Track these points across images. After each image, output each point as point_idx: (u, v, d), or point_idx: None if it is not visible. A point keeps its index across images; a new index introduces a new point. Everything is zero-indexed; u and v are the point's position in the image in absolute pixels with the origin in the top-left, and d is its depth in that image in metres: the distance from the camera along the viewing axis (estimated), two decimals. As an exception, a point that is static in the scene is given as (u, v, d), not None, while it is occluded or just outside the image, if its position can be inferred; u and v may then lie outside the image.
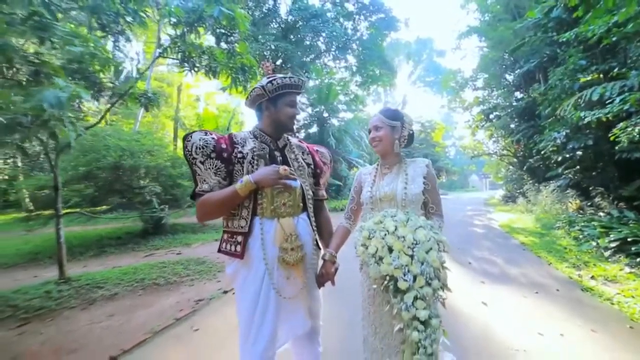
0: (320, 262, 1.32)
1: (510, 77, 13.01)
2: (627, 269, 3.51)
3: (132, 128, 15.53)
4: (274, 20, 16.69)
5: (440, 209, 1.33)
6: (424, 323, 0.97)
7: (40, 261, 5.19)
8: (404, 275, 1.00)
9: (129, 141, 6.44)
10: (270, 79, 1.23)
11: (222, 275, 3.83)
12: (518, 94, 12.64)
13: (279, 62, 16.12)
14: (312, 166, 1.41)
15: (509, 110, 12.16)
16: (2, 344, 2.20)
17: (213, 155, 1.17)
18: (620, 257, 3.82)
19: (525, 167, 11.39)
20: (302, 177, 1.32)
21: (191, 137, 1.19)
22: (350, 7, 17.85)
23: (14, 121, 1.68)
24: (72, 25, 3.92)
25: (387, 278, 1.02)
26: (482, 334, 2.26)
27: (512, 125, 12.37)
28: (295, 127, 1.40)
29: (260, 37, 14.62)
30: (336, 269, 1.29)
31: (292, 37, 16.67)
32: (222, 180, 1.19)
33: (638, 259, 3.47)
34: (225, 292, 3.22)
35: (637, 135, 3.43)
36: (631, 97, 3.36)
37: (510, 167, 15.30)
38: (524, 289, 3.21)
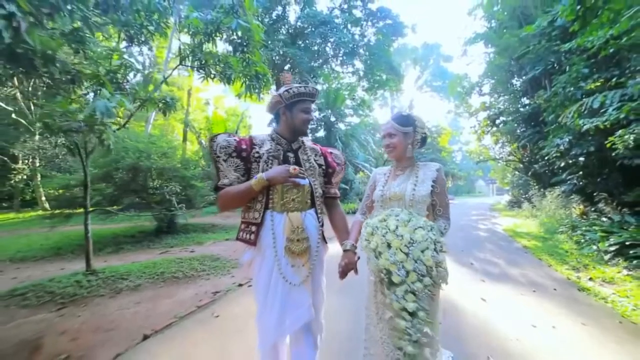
0: (324, 253, 1.44)
1: (517, 83, 13.09)
2: (625, 272, 3.63)
3: (143, 130, 16.03)
4: (283, 27, 17.12)
5: (448, 212, 1.39)
6: (412, 314, 1.07)
7: (63, 255, 5.51)
8: (398, 270, 1.10)
9: (146, 143, 6.76)
10: (287, 87, 1.37)
11: (236, 271, 4.06)
12: (525, 100, 12.70)
13: (287, 67, 16.50)
14: (324, 167, 1.53)
15: (516, 116, 12.24)
16: (48, 323, 2.46)
17: (234, 154, 1.33)
18: (619, 260, 3.94)
19: (530, 173, 11.43)
20: (313, 176, 1.43)
21: (217, 138, 1.36)
22: (358, 13, 18.20)
23: (70, 126, 1.95)
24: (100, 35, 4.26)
25: (384, 271, 1.13)
26: (479, 325, 2.44)
27: (518, 131, 12.42)
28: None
29: (269, 42, 14.99)
30: (358, 258, 1.38)
31: (300, 42, 17.04)
32: (241, 176, 1.34)
33: (635, 262, 3.60)
34: (240, 285, 3.46)
35: (632, 143, 3.59)
36: (624, 107, 3.51)
37: (516, 172, 15.30)
38: (522, 288, 3.37)
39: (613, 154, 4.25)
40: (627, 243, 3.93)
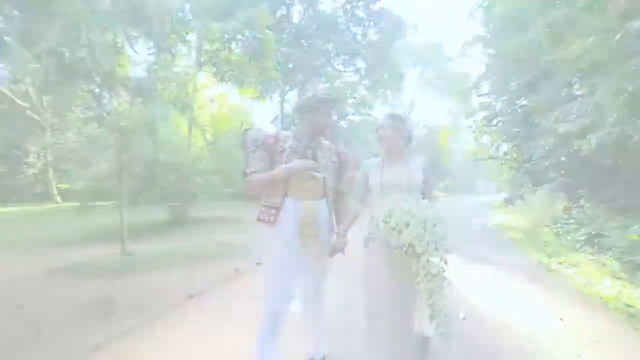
0: (334, 237, 1.67)
1: (514, 84, 13.49)
2: (590, 257, 4.21)
3: (151, 126, 16.41)
4: (287, 27, 17.50)
5: (430, 196, 1.62)
6: (434, 276, 1.31)
7: (93, 241, 6.07)
8: (420, 242, 1.29)
9: (165, 140, 7.32)
10: (312, 94, 1.60)
11: (251, 254, 4.64)
12: (522, 101, 13.11)
13: (290, 65, 16.92)
14: (337, 164, 1.72)
15: (512, 117, 12.69)
16: (110, 284, 3.06)
17: (262, 147, 1.55)
18: (587, 248, 4.51)
19: (523, 171, 11.95)
20: (327, 172, 1.63)
21: (248, 132, 1.60)
22: (360, 13, 18.58)
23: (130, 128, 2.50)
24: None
25: (407, 245, 1.32)
26: (453, 292, 2.99)
27: (514, 131, 12.86)
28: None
29: (273, 42, 15.35)
30: (347, 242, 1.64)
31: (303, 41, 17.43)
32: (266, 166, 1.55)
33: (595, 247, 4.18)
34: (258, 263, 4.03)
35: (593, 146, 4.14)
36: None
37: (512, 171, 15.75)
38: (499, 268, 3.95)
39: (578, 155, 4.78)
40: (593, 233, 4.50)
